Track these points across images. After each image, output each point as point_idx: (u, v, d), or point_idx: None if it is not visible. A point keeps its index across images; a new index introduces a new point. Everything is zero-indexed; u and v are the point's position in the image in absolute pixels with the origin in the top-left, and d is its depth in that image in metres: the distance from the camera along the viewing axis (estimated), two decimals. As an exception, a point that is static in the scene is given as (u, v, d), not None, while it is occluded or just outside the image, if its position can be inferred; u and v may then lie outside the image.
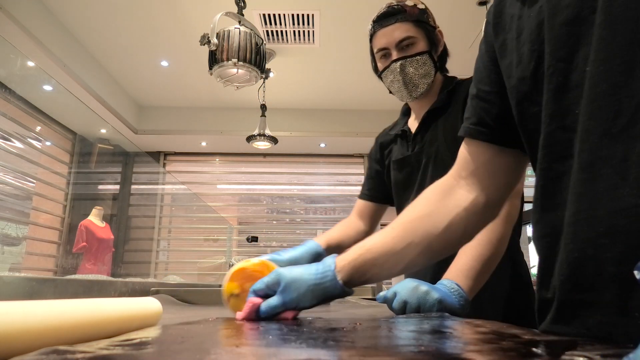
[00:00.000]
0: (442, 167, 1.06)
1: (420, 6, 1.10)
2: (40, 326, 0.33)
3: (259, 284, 0.66)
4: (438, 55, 1.13)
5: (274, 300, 0.63)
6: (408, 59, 1.08)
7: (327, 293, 0.65)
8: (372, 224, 1.28)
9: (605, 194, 0.40)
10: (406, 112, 1.24)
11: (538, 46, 0.49)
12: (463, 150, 0.69)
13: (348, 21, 3.46)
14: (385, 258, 0.66)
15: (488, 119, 0.62)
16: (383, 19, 1.10)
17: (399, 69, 1.08)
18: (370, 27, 1.14)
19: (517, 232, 1.07)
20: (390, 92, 1.18)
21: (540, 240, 0.50)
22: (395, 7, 1.09)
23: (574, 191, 0.43)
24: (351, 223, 1.27)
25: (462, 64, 1.21)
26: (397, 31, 1.07)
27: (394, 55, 1.09)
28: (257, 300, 0.63)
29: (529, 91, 0.51)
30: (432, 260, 0.69)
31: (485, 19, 0.65)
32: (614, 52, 0.40)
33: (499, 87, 0.60)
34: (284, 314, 0.64)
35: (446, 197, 0.69)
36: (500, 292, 1.01)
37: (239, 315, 0.64)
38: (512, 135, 0.59)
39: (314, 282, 0.64)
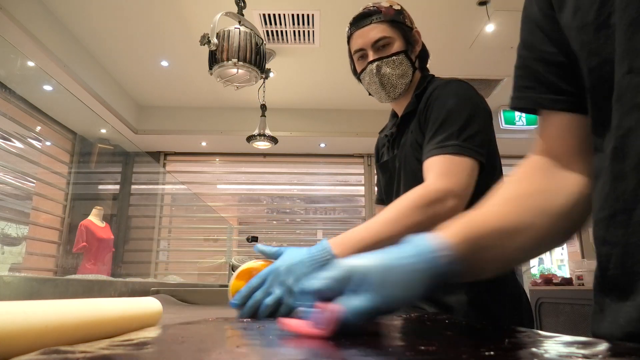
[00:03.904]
0: (410, 173, 1.06)
1: (396, 7, 1.11)
2: (41, 326, 0.33)
3: (323, 281, 0.46)
4: (416, 55, 1.13)
5: (362, 302, 0.43)
6: (384, 60, 1.08)
7: (436, 279, 0.46)
8: None
9: None
10: (394, 114, 1.24)
11: None
12: (546, 126, 0.56)
13: (348, 21, 3.44)
14: (505, 238, 0.50)
15: (562, 85, 0.52)
16: (359, 21, 1.11)
17: (375, 70, 1.08)
18: (347, 29, 1.14)
19: None
20: (370, 95, 1.17)
21: (611, 219, 0.42)
22: (371, 8, 1.10)
23: None
24: None
25: (462, 64, 1.22)
26: (373, 32, 1.08)
27: (371, 56, 1.09)
28: (335, 306, 0.42)
29: (588, 41, 0.44)
30: (541, 252, 0.54)
31: None
32: None
33: (565, 46, 0.51)
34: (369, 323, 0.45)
35: (550, 176, 0.54)
36: (473, 293, 0.98)
37: (297, 327, 0.43)
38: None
39: (417, 267, 0.45)
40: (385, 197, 1.19)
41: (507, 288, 1.02)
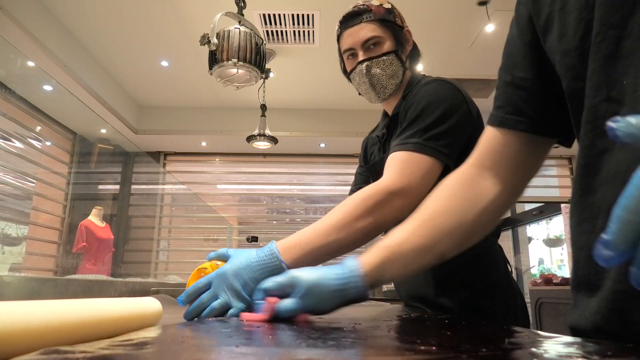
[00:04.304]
0: None
1: (387, 5, 1.08)
2: (41, 326, 0.33)
3: (271, 284, 0.62)
4: (407, 55, 1.11)
5: (291, 304, 0.60)
6: (374, 60, 1.06)
7: (349, 299, 0.62)
8: None
9: None
10: (385, 114, 1.22)
11: (587, 14, 0.45)
12: (489, 139, 0.65)
13: (348, 21, 3.44)
14: (411, 259, 0.64)
15: (525, 107, 0.59)
16: (349, 20, 1.09)
17: (364, 71, 1.06)
18: (337, 28, 1.12)
19: (493, 233, 1.05)
20: (360, 94, 1.15)
21: (579, 227, 0.46)
22: (361, 7, 1.08)
23: (616, 170, 0.40)
24: None
25: (462, 64, 1.21)
26: (363, 31, 1.06)
27: (360, 56, 1.07)
28: (274, 299, 0.60)
29: (573, 65, 0.48)
30: (449, 256, 0.67)
31: None
32: None
33: (536, 71, 0.57)
34: (299, 316, 0.62)
35: (470, 189, 0.65)
36: (466, 294, 0.99)
37: (248, 315, 0.62)
38: (549, 122, 0.57)
39: (337, 288, 0.61)
40: None
41: (500, 288, 1.02)
